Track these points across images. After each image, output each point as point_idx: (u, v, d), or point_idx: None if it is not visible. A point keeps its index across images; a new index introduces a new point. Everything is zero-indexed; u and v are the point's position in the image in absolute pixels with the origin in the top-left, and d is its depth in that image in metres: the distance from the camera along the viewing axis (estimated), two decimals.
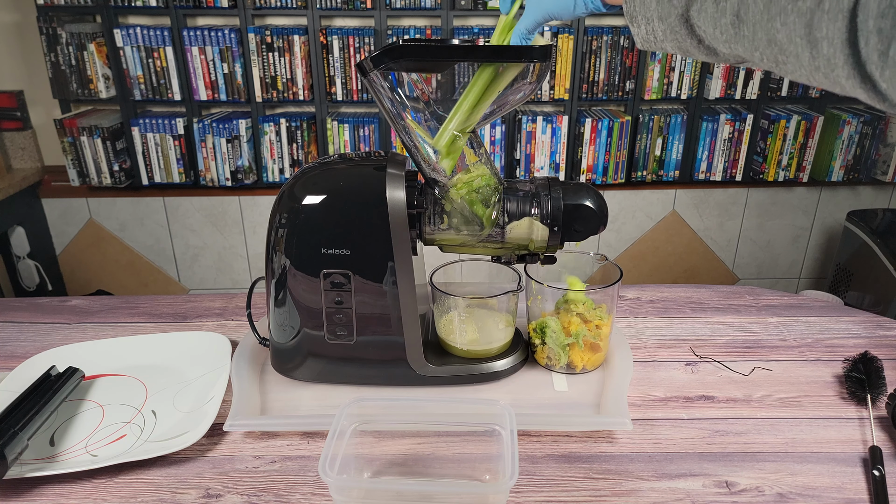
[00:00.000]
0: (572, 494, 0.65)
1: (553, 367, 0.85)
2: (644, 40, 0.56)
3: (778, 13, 0.42)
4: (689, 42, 0.51)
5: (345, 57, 2.30)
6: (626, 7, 0.55)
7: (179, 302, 1.07)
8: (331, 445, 0.59)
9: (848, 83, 0.41)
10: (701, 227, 2.60)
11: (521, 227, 0.76)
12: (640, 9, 0.53)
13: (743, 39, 0.46)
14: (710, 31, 0.48)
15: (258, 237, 2.56)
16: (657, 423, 0.76)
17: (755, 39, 0.45)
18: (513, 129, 2.43)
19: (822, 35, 0.40)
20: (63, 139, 2.31)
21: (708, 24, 0.48)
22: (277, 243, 0.76)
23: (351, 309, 0.77)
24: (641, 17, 0.54)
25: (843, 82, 0.41)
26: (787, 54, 0.43)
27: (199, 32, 2.26)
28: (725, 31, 0.47)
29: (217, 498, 0.64)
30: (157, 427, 0.74)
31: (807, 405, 0.79)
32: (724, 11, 0.46)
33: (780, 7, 0.42)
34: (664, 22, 0.52)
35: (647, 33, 0.55)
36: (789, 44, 0.42)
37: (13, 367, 0.85)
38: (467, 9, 2.27)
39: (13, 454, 0.63)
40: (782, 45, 0.43)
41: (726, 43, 0.48)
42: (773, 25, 0.43)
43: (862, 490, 0.65)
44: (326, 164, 0.77)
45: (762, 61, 0.46)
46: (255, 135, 2.41)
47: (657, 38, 0.54)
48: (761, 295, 1.08)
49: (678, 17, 0.50)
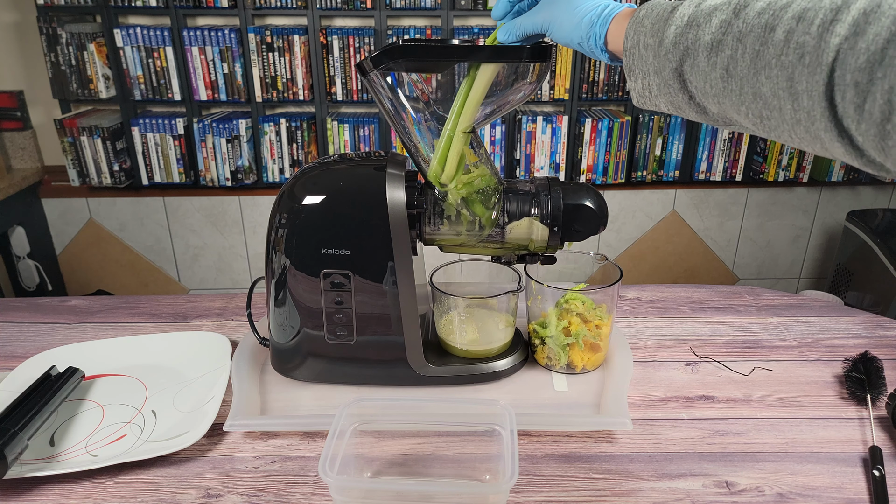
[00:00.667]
0: (572, 494, 0.65)
1: (553, 367, 0.85)
2: (640, 95, 0.57)
3: (763, 67, 0.44)
4: (681, 97, 0.53)
5: (345, 57, 2.30)
6: (625, 60, 0.57)
7: (179, 302, 1.07)
8: (331, 445, 0.59)
9: (826, 136, 0.42)
10: (701, 227, 2.60)
11: (521, 227, 0.76)
12: (637, 62, 0.55)
13: (731, 94, 0.47)
14: (701, 85, 0.50)
15: (258, 237, 2.56)
16: (657, 423, 0.76)
17: (742, 93, 0.46)
18: (513, 129, 2.43)
19: (803, 88, 0.41)
20: (63, 139, 2.31)
21: (699, 78, 0.50)
22: (277, 243, 0.76)
23: (351, 309, 0.77)
24: (638, 70, 0.55)
25: (822, 135, 0.42)
26: (770, 108, 0.45)
27: (199, 32, 2.26)
28: (715, 86, 0.48)
29: (217, 498, 0.64)
30: (157, 427, 0.74)
31: (807, 405, 0.79)
32: (714, 66, 0.48)
33: (765, 61, 0.43)
34: (659, 76, 0.53)
35: (642, 87, 0.56)
36: (773, 97, 0.44)
37: (13, 367, 0.85)
38: (467, 9, 2.27)
39: (13, 454, 0.63)
40: (766, 99, 0.44)
41: (715, 98, 0.49)
42: (759, 79, 0.44)
43: (862, 490, 0.65)
44: (326, 164, 0.77)
45: (748, 117, 0.48)
46: (255, 135, 2.41)
47: (651, 92, 0.56)
48: (761, 295, 1.08)
49: (672, 72, 0.52)
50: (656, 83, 0.54)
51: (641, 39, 0.54)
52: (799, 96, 0.42)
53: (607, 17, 0.58)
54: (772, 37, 0.43)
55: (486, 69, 0.68)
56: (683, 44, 0.50)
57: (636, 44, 0.54)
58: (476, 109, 0.70)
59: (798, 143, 0.46)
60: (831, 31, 0.39)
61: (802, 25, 0.41)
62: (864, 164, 0.42)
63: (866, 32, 0.37)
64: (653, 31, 0.53)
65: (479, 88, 0.69)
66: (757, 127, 0.48)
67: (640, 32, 0.54)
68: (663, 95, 0.55)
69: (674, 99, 0.54)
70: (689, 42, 0.49)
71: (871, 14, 0.37)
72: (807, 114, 0.42)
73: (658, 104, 0.57)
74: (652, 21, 0.53)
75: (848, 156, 0.42)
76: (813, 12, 0.41)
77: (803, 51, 0.41)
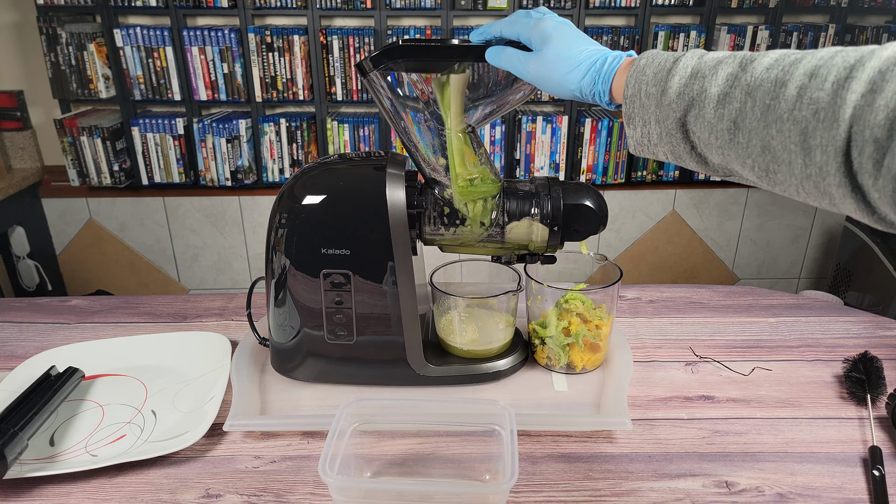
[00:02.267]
0: (572, 494, 0.65)
1: (553, 367, 0.85)
2: (638, 143, 0.57)
3: (774, 121, 0.44)
4: (683, 147, 0.53)
5: (345, 57, 2.30)
6: (624, 108, 0.56)
7: (179, 302, 1.07)
8: (331, 445, 0.59)
9: (838, 192, 0.42)
10: (701, 227, 2.61)
11: (521, 227, 0.76)
12: (638, 111, 0.54)
13: (737, 146, 0.47)
14: (705, 136, 0.49)
15: (258, 237, 2.56)
16: (657, 423, 0.76)
17: (749, 146, 0.46)
18: (513, 129, 2.43)
19: (817, 143, 0.41)
20: (63, 139, 2.31)
21: (704, 129, 0.49)
22: (277, 243, 0.76)
23: (351, 309, 0.77)
24: (639, 118, 0.55)
25: (833, 191, 0.42)
26: (779, 162, 0.45)
27: (199, 32, 2.26)
28: (721, 137, 0.48)
29: (217, 498, 0.64)
30: (156, 427, 0.74)
31: (807, 405, 0.79)
32: (721, 118, 0.47)
33: (776, 115, 0.44)
34: (661, 125, 0.53)
35: (641, 136, 0.56)
36: (783, 151, 0.44)
37: (13, 367, 0.85)
38: (467, 9, 2.27)
39: (13, 454, 0.63)
40: (775, 153, 0.44)
41: (720, 149, 0.49)
42: (769, 132, 0.44)
43: (862, 490, 0.65)
44: (326, 164, 0.77)
45: (752, 170, 0.47)
46: (255, 135, 2.41)
47: (651, 141, 0.55)
48: (761, 295, 1.08)
49: (675, 122, 0.51)
50: (657, 132, 0.54)
51: (643, 88, 0.53)
52: (812, 151, 0.42)
53: (610, 71, 0.57)
54: (783, 92, 0.43)
55: (457, 78, 0.68)
56: (689, 95, 0.50)
57: (637, 92, 0.54)
58: (459, 115, 0.70)
59: (804, 198, 0.45)
60: (847, 88, 0.40)
61: (816, 82, 0.41)
62: (875, 221, 0.42)
63: (884, 90, 0.38)
64: (655, 80, 0.52)
65: (455, 97, 0.69)
66: (761, 180, 0.48)
67: (641, 81, 0.54)
68: (664, 144, 0.54)
69: (675, 148, 0.53)
70: (694, 93, 0.49)
71: (887, 73, 0.38)
72: (818, 169, 0.42)
73: (657, 152, 0.56)
74: (654, 70, 0.53)
75: (859, 212, 0.42)
76: (826, 69, 0.41)
77: (818, 106, 0.41)
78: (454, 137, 0.72)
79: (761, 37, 2.33)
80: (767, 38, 2.33)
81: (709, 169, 0.53)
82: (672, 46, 2.34)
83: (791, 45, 2.34)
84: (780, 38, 2.35)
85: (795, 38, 2.33)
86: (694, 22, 2.43)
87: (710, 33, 2.35)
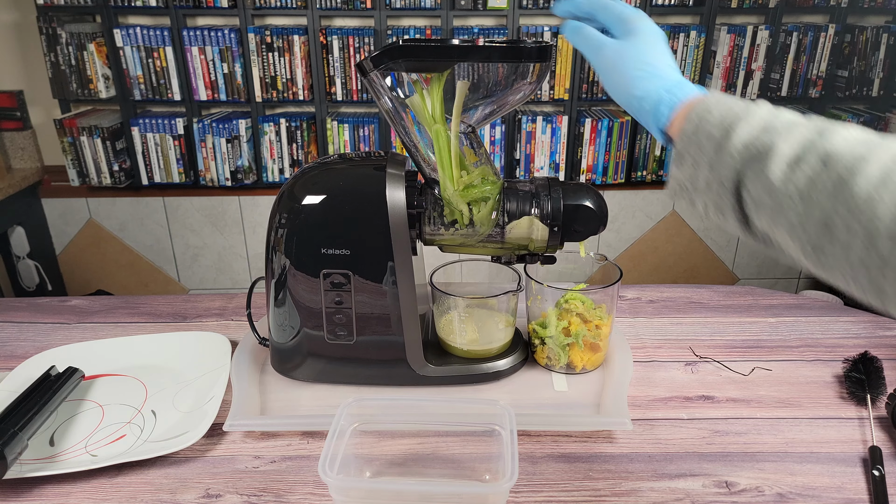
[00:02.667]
0: (572, 494, 0.65)
1: (553, 367, 0.85)
2: (679, 185, 0.52)
3: (846, 198, 0.40)
4: (728, 202, 0.48)
5: (345, 57, 2.30)
6: (677, 144, 0.51)
7: (179, 302, 1.07)
8: (331, 445, 0.59)
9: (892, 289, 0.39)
10: (701, 227, 2.60)
11: (521, 227, 0.76)
12: (692, 150, 0.50)
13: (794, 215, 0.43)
14: (760, 196, 0.45)
15: (258, 237, 2.56)
16: (657, 423, 0.76)
17: (808, 218, 0.42)
18: (513, 129, 2.43)
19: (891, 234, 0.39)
20: (63, 139, 2.31)
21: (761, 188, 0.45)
22: (277, 243, 0.76)
23: (351, 309, 0.77)
24: (690, 159, 0.50)
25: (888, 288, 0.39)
26: (836, 243, 0.41)
27: (199, 32, 2.26)
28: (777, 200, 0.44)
29: (217, 498, 0.64)
30: (156, 427, 0.74)
31: (807, 405, 0.79)
32: (787, 180, 0.43)
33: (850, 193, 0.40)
34: (713, 172, 0.49)
35: (686, 179, 0.51)
36: (845, 232, 0.40)
37: (13, 367, 0.85)
38: (467, 9, 2.27)
39: (13, 454, 0.63)
40: (835, 232, 0.41)
41: (770, 213, 0.45)
42: (836, 209, 0.41)
43: (862, 490, 0.65)
44: (326, 164, 0.77)
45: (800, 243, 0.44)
46: (254, 135, 2.41)
47: (696, 186, 0.51)
48: (761, 295, 1.08)
49: (731, 171, 0.47)
50: (706, 178, 0.49)
51: (704, 128, 0.49)
52: (879, 238, 0.38)
53: (683, 96, 0.53)
54: (864, 168, 0.40)
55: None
56: (756, 147, 0.46)
57: (697, 130, 0.50)
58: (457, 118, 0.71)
59: (846, 284, 0.42)
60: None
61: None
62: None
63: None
64: (720, 123, 0.48)
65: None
66: (806, 257, 0.44)
67: (704, 120, 0.49)
68: (708, 194, 0.50)
69: (719, 201, 0.49)
70: (761, 146, 0.45)
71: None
72: (882, 259, 0.39)
73: (695, 200, 0.52)
74: (721, 113, 0.49)
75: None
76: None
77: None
78: (438, 135, 0.71)
79: (761, 37, 2.33)
80: (767, 38, 2.33)
81: (749, 232, 0.49)
82: (672, 46, 2.34)
83: (791, 45, 2.34)
84: (780, 38, 2.35)
85: (795, 38, 2.34)
86: (694, 22, 2.43)
87: (710, 33, 2.35)
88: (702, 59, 2.37)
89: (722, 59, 2.35)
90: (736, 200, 0.48)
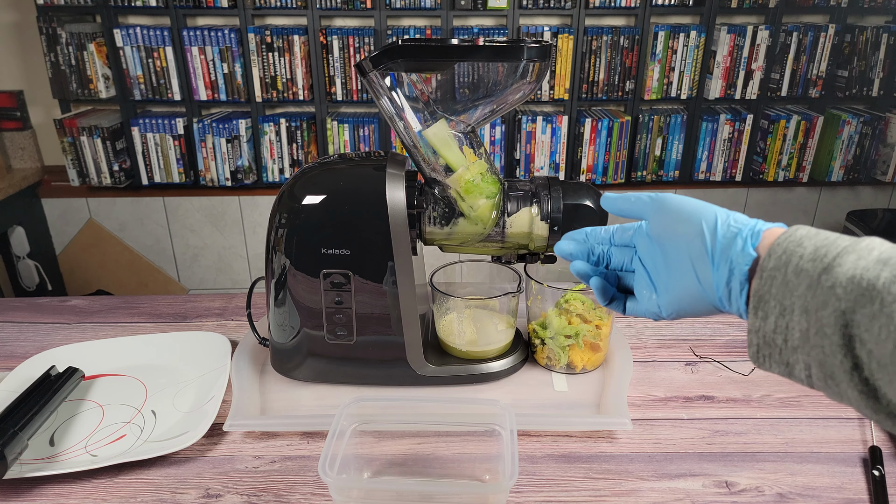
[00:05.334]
0: (572, 494, 0.65)
1: (553, 367, 0.85)
2: (766, 339, 0.41)
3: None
4: (838, 358, 0.37)
5: (345, 57, 2.30)
6: (756, 284, 0.41)
7: (179, 302, 1.07)
8: (331, 445, 0.59)
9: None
10: None
11: (522, 224, 0.76)
12: (777, 290, 0.40)
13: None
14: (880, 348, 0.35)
15: (258, 237, 2.56)
16: (657, 423, 0.76)
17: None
18: (513, 129, 2.43)
19: None
20: (63, 139, 2.31)
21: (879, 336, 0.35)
22: (277, 243, 0.76)
23: (351, 309, 0.77)
24: (775, 303, 0.40)
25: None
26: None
27: (199, 32, 2.26)
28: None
29: (217, 498, 0.64)
30: (156, 427, 0.74)
31: (807, 405, 0.79)
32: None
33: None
34: (810, 317, 0.38)
35: (773, 328, 0.40)
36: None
37: (13, 367, 0.85)
38: (467, 9, 2.27)
39: (13, 454, 0.63)
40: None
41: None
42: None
43: (862, 490, 0.65)
44: (326, 164, 0.77)
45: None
46: (254, 135, 2.41)
47: (788, 340, 0.40)
48: None
49: (836, 315, 0.36)
50: (801, 327, 0.38)
51: (793, 262, 0.39)
52: None
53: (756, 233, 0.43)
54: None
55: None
56: (867, 280, 0.35)
57: (783, 265, 0.39)
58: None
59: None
60: None
61: None
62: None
63: None
64: (814, 255, 0.38)
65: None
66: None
67: (792, 253, 0.39)
68: (808, 350, 0.39)
69: (825, 359, 0.38)
70: (874, 279, 0.35)
71: None
72: None
73: (792, 361, 0.40)
74: (816, 244, 0.39)
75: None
76: None
77: None
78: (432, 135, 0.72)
79: (761, 37, 2.33)
80: (767, 38, 2.33)
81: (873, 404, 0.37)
82: (672, 46, 2.34)
83: (791, 45, 2.34)
84: (780, 38, 2.35)
85: (795, 38, 2.33)
86: (694, 22, 2.43)
87: (710, 33, 2.35)
88: (702, 59, 2.37)
89: (722, 59, 2.35)
90: (848, 358, 0.37)
